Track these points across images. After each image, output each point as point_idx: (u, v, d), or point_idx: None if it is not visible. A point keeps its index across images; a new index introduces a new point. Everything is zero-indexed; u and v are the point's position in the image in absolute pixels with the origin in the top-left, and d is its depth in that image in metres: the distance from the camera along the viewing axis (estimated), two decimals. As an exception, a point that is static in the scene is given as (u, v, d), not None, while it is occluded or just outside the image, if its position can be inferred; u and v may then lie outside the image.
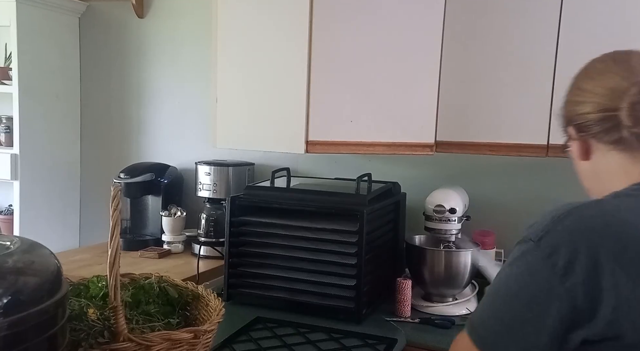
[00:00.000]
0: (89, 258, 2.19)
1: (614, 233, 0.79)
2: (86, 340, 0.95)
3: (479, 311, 0.89)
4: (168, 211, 2.30)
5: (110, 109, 2.67)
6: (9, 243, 0.72)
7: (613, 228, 0.80)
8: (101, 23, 2.65)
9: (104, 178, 2.56)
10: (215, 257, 2.16)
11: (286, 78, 1.77)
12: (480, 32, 1.76)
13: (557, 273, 0.77)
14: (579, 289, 0.76)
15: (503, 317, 0.83)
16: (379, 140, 1.79)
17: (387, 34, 1.77)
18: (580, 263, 0.76)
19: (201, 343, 1.08)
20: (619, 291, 0.75)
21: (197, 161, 2.30)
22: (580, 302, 0.76)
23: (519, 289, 0.82)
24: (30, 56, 2.44)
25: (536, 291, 0.79)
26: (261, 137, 1.85)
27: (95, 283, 1.16)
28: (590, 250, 0.77)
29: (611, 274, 0.75)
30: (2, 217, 2.68)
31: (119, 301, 0.95)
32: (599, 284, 0.75)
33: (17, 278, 0.65)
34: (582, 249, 0.77)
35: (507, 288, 0.84)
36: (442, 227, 1.83)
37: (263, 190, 1.85)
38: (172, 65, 2.54)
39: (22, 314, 0.62)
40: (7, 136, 2.55)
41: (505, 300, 0.84)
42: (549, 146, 1.70)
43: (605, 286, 0.75)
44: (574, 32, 1.65)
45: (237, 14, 1.84)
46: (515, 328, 0.81)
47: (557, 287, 0.77)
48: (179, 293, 1.26)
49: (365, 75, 1.77)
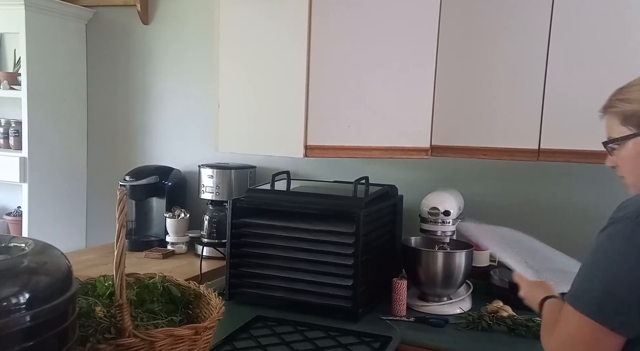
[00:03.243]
0: (95, 258, 2.24)
1: None
2: (94, 336, 1.01)
3: (585, 287, 1.01)
4: (172, 213, 2.35)
5: (116, 113, 2.73)
6: (23, 244, 0.78)
7: None
8: (107, 29, 2.71)
9: (110, 180, 2.62)
10: (218, 258, 2.21)
11: (286, 84, 1.82)
12: (474, 40, 1.81)
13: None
14: None
15: (612, 285, 0.96)
16: (375, 145, 1.84)
17: (384, 42, 1.82)
18: None
19: (202, 339, 1.13)
20: None
21: (200, 164, 2.35)
22: None
23: (623, 258, 0.96)
24: (39, 62, 2.50)
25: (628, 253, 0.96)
26: (262, 142, 1.90)
27: (102, 282, 1.21)
28: None
29: None
30: (11, 218, 2.74)
31: (124, 300, 1.01)
32: None
33: (32, 277, 0.71)
34: None
35: (611, 260, 0.98)
36: (437, 229, 1.88)
37: (264, 193, 1.90)
38: (176, 70, 2.59)
39: (36, 310, 0.68)
40: (16, 140, 2.61)
41: (613, 270, 0.97)
42: (540, 150, 1.75)
43: None
44: (564, 42, 1.70)
45: (239, 22, 1.90)
46: (623, 293, 0.95)
47: None
48: (181, 292, 1.31)
49: (363, 81, 1.82)
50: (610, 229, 1.00)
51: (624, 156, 1.11)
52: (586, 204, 1.98)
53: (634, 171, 1.11)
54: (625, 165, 1.12)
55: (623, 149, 1.11)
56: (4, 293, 0.65)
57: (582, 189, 2.00)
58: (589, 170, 1.88)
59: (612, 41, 1.65)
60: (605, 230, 1.01)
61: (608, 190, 1.97)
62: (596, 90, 1.67)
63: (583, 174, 1.97)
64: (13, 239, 0.82)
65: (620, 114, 1.10)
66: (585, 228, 1.10)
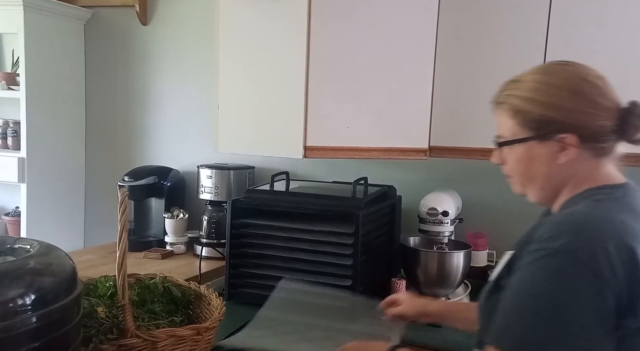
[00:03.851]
0: (94, 258, 2.24)
1: (630, 229, 0.89)
2: (96, 336, 1.02)
3: (520, 332, 0.86)
4: (171, 213, 2.36)
5: (115, 113, 2.73)
6: (28, 246, 0.79)
7: (628, 225, 0.89)
8: (106, 30, 2.71)
9: (109, 180, 2.62)
10: (217, 258, 2.22)
11: (285, 85, 1.83)
12: (472, 42, 1.82)
13: (601, 277, 0.83)
14: (623, 285, 0.84)
15: (555, 331, 0.83)
16: (374, 145, 1.86)
17: (383, 43, 1.83)
18: (617, 261, 0.84)
19: (203, 339, 1.15)
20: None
21: (199, 165, 2.35)
22: (625, 296, 0.84)
23: (568, 300, 0.84)
24: (37, 62, 2.50)
25: (584, 299, 0.83)
26: (261, 143, 1.91)
27: (103, 282, 1.22)
28: (620, 247, 0.85)
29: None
30: (10, 218, 2.74)
31: (127, 300, 1.02)
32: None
33: (38, 278, 0.72)
34: (612, 249, 0.84)
35: (552, 301, 0.84)
36: (435, 229, 1.89)
37: (263, 193, 1.90)
38: (175, 70, 2.60)
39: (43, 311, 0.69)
40: (15, 140, 2.61)
41: (555, 313, 0.83)
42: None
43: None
44: (561, 42, 1.71)
45: (238, 23, 1.90)
46: (560, 333, 0.83)
47: (603, 289, 0.83)
48: (182, 293, 1.33)
49: (362, 83, 1.83)
50: (545, 261, 0.87)
51: (515, 159, 1.04)
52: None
53: (525, 174, 1.05)
54: (515, 167, 1.06)
55: (515, 151, 1.04)
56: (11, 294, 0.66)
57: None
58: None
59: (608, 42, 1.66)
60: (537, 262, 0.88)
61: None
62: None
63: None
64: (18, 241, 0.83)
65: (512, 111, 1.02)
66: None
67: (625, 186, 1.00)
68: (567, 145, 0.98)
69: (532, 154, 1.02)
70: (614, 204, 0.95)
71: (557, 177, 1.02)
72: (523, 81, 1.03)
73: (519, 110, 1.01)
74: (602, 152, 0.99)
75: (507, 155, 1.06)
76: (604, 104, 0.97)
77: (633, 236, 0.88)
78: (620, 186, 1.00)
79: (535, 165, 1.02)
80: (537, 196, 1.06)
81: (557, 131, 0.98)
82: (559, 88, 0.99)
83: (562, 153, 0.99)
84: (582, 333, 0.83)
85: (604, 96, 0.98)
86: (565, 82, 0.99)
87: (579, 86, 0.98)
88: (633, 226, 0.90)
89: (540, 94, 1.00)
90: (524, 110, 1.01)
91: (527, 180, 1.05)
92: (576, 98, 0.98)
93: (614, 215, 0.91)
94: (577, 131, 0.97)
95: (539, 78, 1.01)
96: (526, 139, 1.01)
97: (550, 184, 1.03)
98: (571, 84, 0.98)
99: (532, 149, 1.01)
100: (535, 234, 0.92)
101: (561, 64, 1.03)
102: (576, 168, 1.00)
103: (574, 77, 0.99)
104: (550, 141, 0.99)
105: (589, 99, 0.97)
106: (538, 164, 1.02)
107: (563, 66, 1.03)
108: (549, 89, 0.99)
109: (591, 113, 0.97)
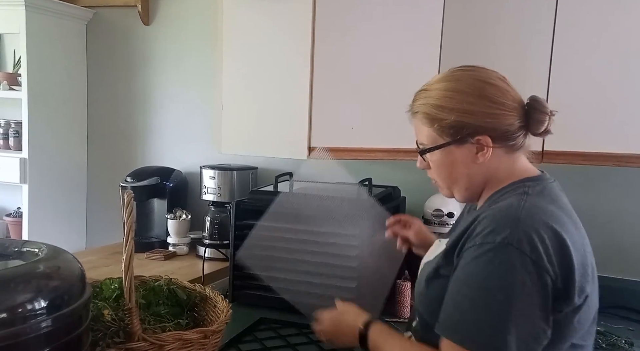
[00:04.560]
0: (96, 259, 2.24)
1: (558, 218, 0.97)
2: (103, 340, 1.01)
3: (472, 324, 0.92)
4: (173, 214, 2.35)
5: (117, 114, 2.72)
6: (36, 249, 0.78)
7: (556, 215, 0.97)
8: (108, 30, 2.70)
9: (111, 181, 2.61)
10: (219, 259, 2.21)
11: (289, 86, 1.82)
12: (477, 42, 1.81)
13: (541, 265, 0.90)
14: (557, 272, 0.91)
15: (495, 314, 0.90)
16: (378, 146, 1.85)
17: (387, 44, 1.82)
18: (552, 249, 0.91)
19: (210, 343, 1.13)
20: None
21: (201, 165, 2.35)
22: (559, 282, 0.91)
23: (515, 290, 0.90)
24: (39, 62, 2.49)
25: (530, 288, 0.90)
26: (265, 143, 1.90)
27: (108, 285, 1.21)
28: (554, 237, 0.93)
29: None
30: (11, 219, 2.73)
31: (133, 303, 1.01)
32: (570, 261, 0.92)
33: (48, 282, 0.71)
34: (547, 239, 0.92)
35: (501, 293, 0.91)
36: (441, 231, 1.88)
37: (267, 195, 1.89)
38: (177, 71, 2.59)
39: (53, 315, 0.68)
40: (16, 141, 2.60)
41: (505, 304, 0.90)
42: (543, 152, 1.75)
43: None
44: (567, 43, 1.70)
45: (242, 23, 1.90)
46: (512, 321, 0.89)
47: (543, 276, 0.90)
48: (187, 295, 1.31)
49: (366, 83, 1.82)
50: (490, 255, 0.92)
51: (438, 164, 1.10)
52: (586, 205, 1.98)
53: (448, 177, 1.11)
54: (439, 172, 1.11)
55: (436, 156, 1.09)
56: (21, 299, 0.65)
57: (582, 190, 2.00)
58: (590, 171, 1.89)
59: (615, 42, 1.65)
60: (483, 256, 0.93)
61: (608, 191, 1.98)
62: (600, 91, 1.70)
63: (585, 176, 1.97)
64: (26, 244, 0.82)
65: (428, 119, 1.07)
66: (585, 229, 1.10)
67: (543, 178, 1.08)
68: (483, 146, 1.04)
69: (452, 158, 1.08)
70: (540, 196, 1.02)
71: (479, 176, 1.08)
72: (432, 90, 1.08)
73: (434, 118, 1.06)
74: (514, 148, 1.06)
75: (429, 161, 1.12)
76: (509, 103, 1.04)
77: (561, 225, 0.96)
78: (539, 178, 1.07)
79: (457, 168, 1.09)
80: (463, 195, 1.13)
81: (472, 134, 1.04)
82: (466, 94, 1.04)
83: (479, 154, 1.05)
84: (529, 319, 0.90)
85: (507, 96, 1.04)
86: (471, 88, 1.05)
87: (483, 90, 1.04)
88: (560, 216, 0.98)
89: (450, 101, 1.05)
90: (438, 118, 1.06)
91: (451, 182, 1.12)
92: (483, 102, 1.03)
93: (545, 206, 0.99)
94: (489, 131, 1.03)
95: (447, 86, 1.07)
96: (445, 145, 1.07)
97: (473, 183, 1.10)
98: (477, 89, 1.04)
99: (451, 153, 1.07)
100: (476, 229, 0.98)
101: (465, 70, 1.09)
102: (495, 165, 1.07)
103: (478, 82, 1.05)
104: (467, 143, 1.05)
105: (494, 101, 1.03)
106: (459, 166, 1.08)
107: (467, 72, 1.08)
108: (458, 95, 1.05)
109: (499, 114, 1.03)
